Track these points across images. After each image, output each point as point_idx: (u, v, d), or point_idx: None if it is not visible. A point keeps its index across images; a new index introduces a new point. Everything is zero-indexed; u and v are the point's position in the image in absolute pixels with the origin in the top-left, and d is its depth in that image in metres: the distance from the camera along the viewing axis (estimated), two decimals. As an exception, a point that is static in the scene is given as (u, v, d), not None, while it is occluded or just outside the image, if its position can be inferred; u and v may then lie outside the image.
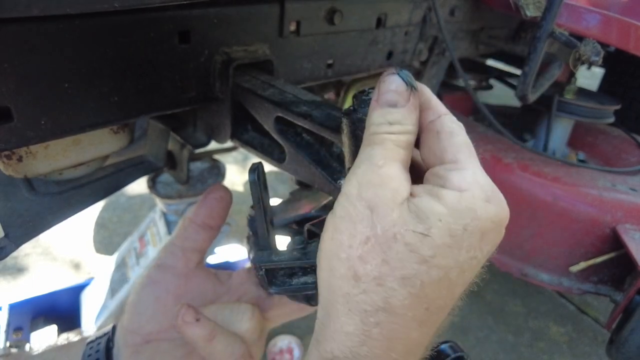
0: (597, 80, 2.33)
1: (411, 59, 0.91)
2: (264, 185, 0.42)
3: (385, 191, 0.29)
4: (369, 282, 0.29)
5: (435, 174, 0.31)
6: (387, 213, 0.29)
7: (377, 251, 0.29)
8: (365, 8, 0.69)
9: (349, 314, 0.30)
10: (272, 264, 0.42)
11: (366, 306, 0.29)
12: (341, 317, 0.30)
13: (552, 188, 1.23)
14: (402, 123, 0.31)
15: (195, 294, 0.50)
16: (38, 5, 0.26)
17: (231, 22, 0.51)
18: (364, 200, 0.30)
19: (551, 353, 1.63)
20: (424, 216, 0.28)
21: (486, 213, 0.29)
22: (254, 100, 0.47)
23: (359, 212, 0.29)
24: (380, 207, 0.29)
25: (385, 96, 0.32)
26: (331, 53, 0.68)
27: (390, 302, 0.29)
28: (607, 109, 1.46)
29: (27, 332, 1.33)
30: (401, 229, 0.28)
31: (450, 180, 0.29)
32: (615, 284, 1.23)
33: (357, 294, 0.29)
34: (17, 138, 0.38)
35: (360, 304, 0.29)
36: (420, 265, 0.28)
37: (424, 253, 0.28)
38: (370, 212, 0.29)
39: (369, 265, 0.29)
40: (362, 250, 0.29)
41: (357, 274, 0.29)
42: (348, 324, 0.30)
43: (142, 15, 0.42)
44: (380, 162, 0.30)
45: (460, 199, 0.29)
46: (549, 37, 0.75)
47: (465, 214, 0.28)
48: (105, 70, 0.41)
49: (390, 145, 0.31)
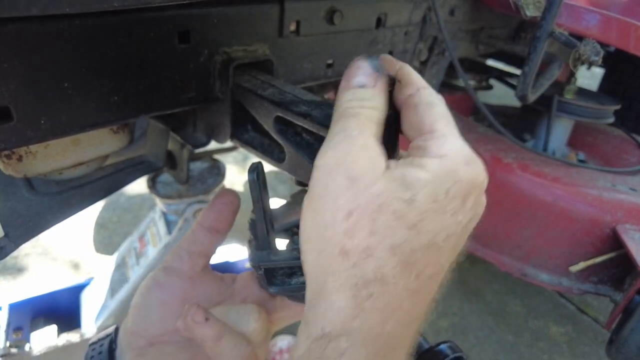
0: (597, 80, 2.34)
1: (411, 59, 0.91)
2: (263, 185, 0.42)
3: (365, 160, 0.29)
4: (358, 255, 0.28)
5: (414, 146, 0.31)
6: (369, 183, 0.28)
7: (363, 223, 0.28)
8: (365, 8, 0.69)
9: (340, 289, 0.29)
10: (271, 264, 0.42)
11: (357, 279, 0.29)
12: (332, 294, 0.29)
13: (552, 188, 1.24)
14: (372, 100, 0.32)
15: (201, 297, 0.50)
16: (37, 5, 0.26)
17: (231, 22, 0.51)
18: (342, 171, 0.29)
19: (551, 353, 1.63)
20: (409, 183, 0.28)
21: (467, 175, 0.29)
22: (253, 100, 0.47)
23: (338, 185, 0.29)
24: (362, 178, 0.28)
25: (354, 79, 0.32)
26: (331, 53, 0.68)
27: (381, 271, 0.28)
28: (607, 109, 1.46)
29: (27, 332, 1.34)
30: (387, 198, 0.28)
31: (429, 149, 0.30)
32: (615, 284, 1.23)
33: (346, 269, 0.29)
34: (16, 138, 0.38)
35: (350, 278, 0.29)
36: (409, 231, 0.28)
37: (411, 219, 0.28)
38: (350, 182, 0.28)
39: (356, 239, 0.28)
40: (346, 225, 0.28)
41: (344, 249, 0.29)
42: (339, 299, 0.29)
43: (142, 15, 0.42)
44: (355, 132, 0.30)
45: (442, 163, 0.29)
46: (548, 37, 0.75)
47: (448, 177, 0.29)
48: (105, 70, 0.41)
49: (364, 118, 0.31)
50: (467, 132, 1.45)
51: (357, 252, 0.28)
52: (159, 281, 0.49)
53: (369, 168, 0.29)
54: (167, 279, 0.49)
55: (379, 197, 0.28)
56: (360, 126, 0.30)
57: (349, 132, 0.30)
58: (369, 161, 0.29)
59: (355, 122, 0.30)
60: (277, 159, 0.47)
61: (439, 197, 0.28)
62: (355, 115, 0.31)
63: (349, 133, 0.30)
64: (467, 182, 0.29)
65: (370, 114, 0.31)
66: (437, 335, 1.64)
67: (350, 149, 0.29)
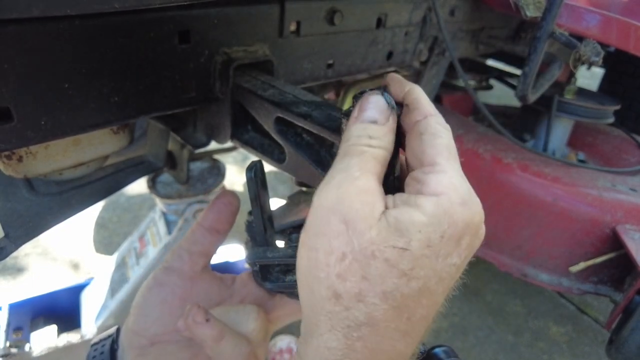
0: (597, 80, 2.34)
1: (411, 59, 0.91)
2: (262, 183, 0.42)
3: (361, 205, 0.28)
4: (350, 299, 0.29)
5: (414, 177, 0.31)
6: (364, 229, 0.28)
7: (356, 268, 0.28)
8: (366, 8, 0.69)
9: (332, 330, 0.30)
10: (266, 260, 0.42)
11: (349, 322, 0.29)
12: (324, 334, 0.30)
13: (552, 188, 1.24)
14: (381, 139, 0.31)
15: (201, 297, 0.50)
16: (38, 6, 0.26)
17: (231, 23, 0.51)
18: (338, 214, 0.29)
19: (551, 353, 1.63)
20: (404, 229, 0.28)
21: (462, 216, 0.29)
22: (254, 100, 0.47)
23: (333, 228, 0.29)
24: (357, 223, 0.28)
25: (367, 112, 0.32)
26: (331, 53, 0.68)
27: (372, 316, 0.29)
28: (607, 109, 1.46)
29: (27, 332, 1.33)
30: (380, 245, 0.28)
31: (427, 183, 0.29)
32: (615, 284, 1.23)
33: (339, 312, 0.29)
34: (17, 138, 0.38)
35: (343, 320, 0.29)
36: (399, 279, 0.28)
37: (403, 267, 0.28)
38: (345, 227, 0.28)
39: (349, 283, 0.28)
40: (339, 268, 0.28)
41: (337, 292, 0.29)
42: (331, 339, 0.30)
43: (142, 16, 0.42)
44: (356, 174, 0.29)
45: (438, 203, 0.28)
46: (549, 37, 0.75)
47: (443, 219, 0.28)
48: (105, 70, 0.41)
49: (369, 157, 0.30)
50: (467, 132, 1.45)
51: (349, 296, 0.29)
52: (159, 281, 0.49)
53: (366, 213, 0.28)
54: (167, 279, 0.49)
55: (373, 244, 0.28)
56: (363, 166, 0.30)
57: (350, 172, 0.30)
58: (366, 206, 0.29)
59: (358, 162, 0.30)
60: (277, 159, 0.47)
61: (433, 242, 0.28)
62: (361, 154, 0.30)
63: (350, 173, 0.29)
64: (462, 224, 0.29)
65: (376, 153, 0.31)
66: (437, 335, 1.64)
67: (349, 191, 0.29)
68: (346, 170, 0.30)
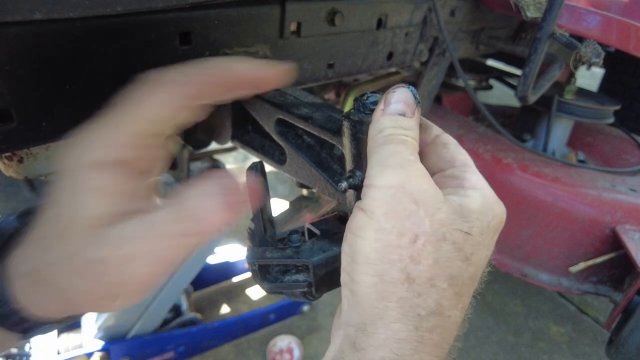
0: (597, 81, 2.34)
1: (411, 59, 0.91)
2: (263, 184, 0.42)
3: (427, 186, 0.29)
4: (423, 284, 0.28)
5: (450, 175, 0.32)
6: (434, 210, 0.28)
7: (429, 250, 0.28)
8: (366, 9, 0.69)
9: (402, 319, 0.28)
10: (265, 261, 0.42)
11: (419, 310, 0.28)
12: (393, 323, 0.28)
13: (552, 188, 1.24)
14: (412, 130, 0.32)
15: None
16: (41, 10, 0.26)
17: (232, 24, 0.51)
18: (408, 194, 0.28)
19: (551, 353, 1.63)
20: (467, 214, 0.29)
21: (500, 211, 0.31)
22: (254, 101, 0.47)
23: (405, 207, 0.28)
24: (428, 203, 0.28)
25: (395, 105, 0.32)
26: (332, 54, 0.68)
27: (440, 303, 0.28)
28: (606, 110, 1.46)
29: (27, 332, 1.33)
30: (450, 227, 0.28)
31: (467, 179, 0.31)
32: (615, 285, 1.23)
33: (410, 298, 0.28)
34: (17, 140, 0.38)
35: (414, 308, 0.28)
36: (463, 263, 0.29)
37: (466, 251, 0.28)
38: (416, 207, 0.28)
39: (422, 266, 0.28)
40: (412, 250, 0.28)
41: (410, 275, 0.28)
42: (401, 330, 0.28)
43: (143, 17, 0.42)
44: (411, 158, 0.30)
45: (483, 196, 0.30)
46: (549, 38, 0.75)
47: (489, 211, 0.30)
48: (107, 71, 0.41)
49: (411, 145, 0.31)
50: (467, 132, 1.45)
51: (422, 281, 0.28)
52: None
53: (432, 194, 0.29)
54: None
55: (443, 226, 0.28)
56: (413, 153, 0.30)
57: (404, 156, 0.30)
58: (431, 187, 0.29)
59: (405, 147, 0.30)
60: (278, 160, 0.47)
61: (484, 230, 0.30)
62: (404, 142, 0.31)
63: (405, 157, 0.29)
64: (500, 218, 0.31)
65: (413, 143, 0.31)
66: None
67: (411, 172, 0.29)
68: (398, 154, 0.30)
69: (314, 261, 0.36)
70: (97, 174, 0.30)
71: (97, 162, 0.30)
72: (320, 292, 0.39)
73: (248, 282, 1.71)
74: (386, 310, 0.28)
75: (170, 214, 0.30)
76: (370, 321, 0.29)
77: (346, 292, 0.31)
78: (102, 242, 0.29)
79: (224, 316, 1.59)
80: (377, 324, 0.29)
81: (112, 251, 0.29)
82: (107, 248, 0.29)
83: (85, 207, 0.29)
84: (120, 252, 0.29)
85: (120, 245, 0.29)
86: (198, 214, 0.30)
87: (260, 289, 0.51)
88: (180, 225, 0.30)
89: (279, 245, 0.44)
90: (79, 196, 0.29)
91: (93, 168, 0.30)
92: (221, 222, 0.31)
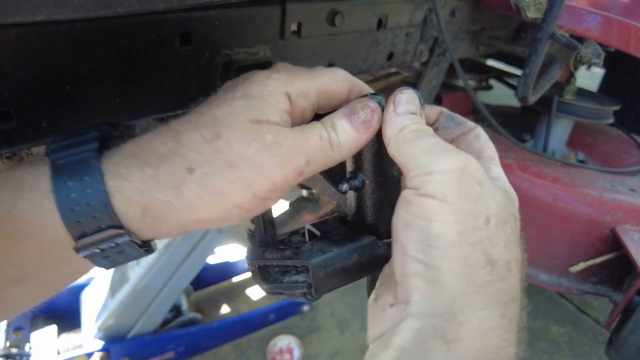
0: (597, 81, 2.34)
1: (412, 60, 0.91)
2: None
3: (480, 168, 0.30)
4: (503, 267, 0.28)
5: None
6: (494, 193, 0.29)
7: (500, 232, 0.28)
8: (366, 9, 0.69)
9: (489, 306, 0.27)
10: (265, 261, 0.42)
11: (504, 296, 0.27)
12: (482, 310, 0.27)
13: (552, 189, 1.24)
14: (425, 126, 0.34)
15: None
16: (42, 12, 0.26)
17: (232, 24, 0.51)
18: (472, 176, 0.29)
19: (551, 353, 1.63)
20: (512, 197, 0.31)
21: (517, 204, 0.33)
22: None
23: (473, 189, 0.28)
24: (487, 185, 0.29)
25: (407, 106, 0.33)
26: (332, 54, 0.68)
27: (516, 289, 0.28)
28: (606, 110, 1.46)
29: (27, 331, 1.34)
30: (507, 211, 0.29)
31: (492, 169, 0.33)
32: (615, 285, 1.23)
33: (493, 282, 0.27)
34: (17, 140, 0.38)
35: (496, 293, 0.27)
36: (518, 247, 0.30)
37: (517, 234, 0.30)
38: (481, 189, 0.28)
39: (499, 248, 0.28)
40: (487, 232, 0.28)
41: (491, 258, 0.27)
42: (491, 318, 0.27)
43: (144, 18, 0.42)
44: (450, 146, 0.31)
45: (509, 187, 0.32)
46: (549, 38, 0.75)
47: (514, 201, 0.32)
48: (107, 72, 0.41)
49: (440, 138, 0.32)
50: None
51: (502, 264, 0.28)
52: None
53: (486, 176, 0.30)
54: None
55: (503, 209, 0.29)
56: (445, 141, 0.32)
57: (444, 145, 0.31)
58: (483, 170, 0.30)
59: (438, 139, 0.32)
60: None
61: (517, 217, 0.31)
62: (434, 135, 0.32)
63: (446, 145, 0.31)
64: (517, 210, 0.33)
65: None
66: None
67: (465, 157, 0.29)
68: (444, 144, 0.31)
69: (314, 262, 0.36)
70: (283, 98, 0.32)
71: (287, 92, 0.33)
72: (320, 293, 0.39)
73: (248, 282, 1.71)
74: (475, 296, 0.27)
75: (319, 124, 0.33)
76: (460, 309, 0.28)
77: (420, 283, 0.29)
78: (258, 127, 0.30)
79: (224, 316, 1.59)
80: (466, 311, 0.27)
81: (266, 134, 0.30)
82: (261, 132, 0.30)
83: (262, 109, 0.31)
84: (272, 137, 0.30)
85: (275, 131, 0.31)
86: (338, 129, 0.33)
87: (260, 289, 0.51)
88: (326, 131, 0.32)
89: (279, 246, 0.43)
90: (260, 102, 0.31)
91: (284, 93, 0.33)
92: (359, 140, 0.33)
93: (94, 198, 0.28)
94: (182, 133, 0.30)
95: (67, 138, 0.32)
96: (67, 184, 0.28)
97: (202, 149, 0.29)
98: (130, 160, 0.30)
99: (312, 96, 0.34)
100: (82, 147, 0.30)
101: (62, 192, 0.28)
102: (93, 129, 0.32)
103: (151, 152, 0.30)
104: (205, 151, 0.29)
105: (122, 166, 0.30)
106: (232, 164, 0.29)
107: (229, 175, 0.29)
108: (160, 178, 0.29)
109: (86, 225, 0.29)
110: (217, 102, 0.32)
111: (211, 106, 0.32)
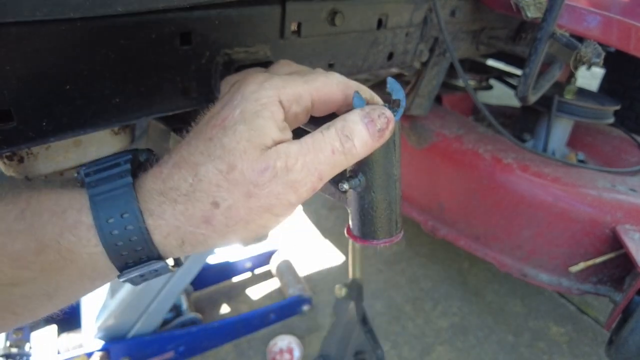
0: (597, 81, 2.34)
1: (412, 59, 0.91)
2: None
3: None
4: None
5: None
6: None
7: None
8: (366, 9, 0.69)
9: None
10: None
11: None
12: None
13: (552, 188, 1.24)
14: None
15: None
16: (42, 10, 0.26)
17: (232, 24, 0.51)
18: None
19: (551, 353, 1.63)
20: None
21: None
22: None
23: None
24: None
25: None
26: (332, 54, 0.68)
27: None
28: (606, 110, 1.46)
29: (27, 331, 1.33)
30: None
31: None
32: (615, 285, 1.23)
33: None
34: (17, 139, 0.38)
35: None
36: None
37: None
38: None
39: None
40: None
41: None
42: None
43: (144, 18, 0.42)
44: None
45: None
46: (549, 38, 0.75)
47: None
48: (107, 71, 0.41)
49: None
50: (467, 132, 1.45)
51: None
52: None
53: None
54: None
55: None
56: None
57: None
58: None
59: None
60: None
61: None
62: None
63: None
64: None
65: None
66: (438, 335, 1.64)
67: None
68: None
69: None
70: (277, 107, 0.34)
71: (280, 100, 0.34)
72: None
73: (248, 282, 1.71)
74: None
75: (332, 132, 0.34)
76: None
77: None
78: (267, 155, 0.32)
79: (224, 316, 1.59)
80: None
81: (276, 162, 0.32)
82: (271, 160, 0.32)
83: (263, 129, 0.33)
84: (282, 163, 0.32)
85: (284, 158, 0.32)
86: (355, 137, 0.34)
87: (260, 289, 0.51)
88: (340, 142, 0.34)
89: None
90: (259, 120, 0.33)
91: (277, 102, 0.34)
92: (372, 148, 0.35)
93: (135, 234, 0.32)
94: (198, 166, 0.32)
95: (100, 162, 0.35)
96: (109, 222, 0.31)
97: (221, 182, 0.32)
98: (160, 198, 0.33)
99: (305, 101, 0.36)
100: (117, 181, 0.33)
101: (105, 229, 0.31)
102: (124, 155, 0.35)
103: (176, 189, 0.33)
104: (224, 184, 0.32)
105: (155, 204, 0.33)
106: (250, 194, 0.32)
107: (249, 205, 0.32)
108: (191, 214, 0.32)
109: (129, 257, 0.33)
110: (220, 123, 0.33)
111: (217, 130, 0.33)
